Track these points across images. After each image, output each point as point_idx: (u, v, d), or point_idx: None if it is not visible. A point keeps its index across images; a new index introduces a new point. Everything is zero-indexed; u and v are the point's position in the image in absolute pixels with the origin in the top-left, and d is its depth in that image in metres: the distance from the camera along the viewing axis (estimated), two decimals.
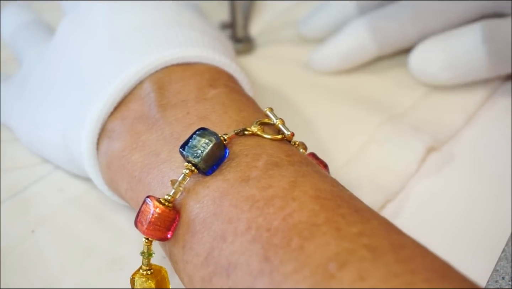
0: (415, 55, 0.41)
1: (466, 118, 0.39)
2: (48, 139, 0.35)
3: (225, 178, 0.25)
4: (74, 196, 0.36)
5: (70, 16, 0.37)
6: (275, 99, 0.42)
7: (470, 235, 0.33)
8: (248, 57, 0.46)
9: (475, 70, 0.39)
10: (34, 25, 0.43)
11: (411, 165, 0.36)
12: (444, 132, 0.38)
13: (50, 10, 0.49)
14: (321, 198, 0.23)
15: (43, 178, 0.37)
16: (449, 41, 0.40)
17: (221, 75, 0.32)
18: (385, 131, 0.38)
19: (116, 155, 0.30)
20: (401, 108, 0.40)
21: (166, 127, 0.29)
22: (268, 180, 0.24)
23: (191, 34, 0.33)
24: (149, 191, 0.27)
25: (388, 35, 0.42)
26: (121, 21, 0.34)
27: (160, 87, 0.30)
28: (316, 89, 0.43)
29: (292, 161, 0.26)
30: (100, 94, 0.31)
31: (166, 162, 0.27)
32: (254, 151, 0.26)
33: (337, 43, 0.43)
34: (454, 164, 0.37)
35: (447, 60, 0.40)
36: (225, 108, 0.29)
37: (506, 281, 0.30)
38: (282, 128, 0.28)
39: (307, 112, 0.41)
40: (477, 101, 0.40)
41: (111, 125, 0.31)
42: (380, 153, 0.37)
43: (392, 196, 0.34)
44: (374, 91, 0.42)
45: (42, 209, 0.35)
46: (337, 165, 0.36)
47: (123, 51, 0.32)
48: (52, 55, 0.35)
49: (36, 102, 0.35)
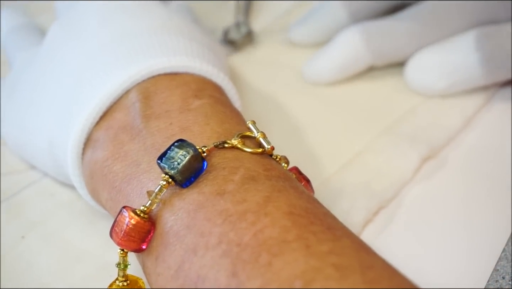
0: (411, 66, 0.41)
1: (464, 121, 0.39)
2: (35, 145, 0.35)
3: (201, 190, 0.25)
4: (65, 201, 0.36)
5: (61, 20, 0.37)
6: (269, 106, 0.42)
7: (469, 235, 0.33)
8: (242, 62, 0.47)
9: (471, 78, 0.39)
10: (26, 28, 0.43)
11: (406, 172, 0.36)
12: (442, 136, 0.38)
13: (43, 13, 0.49)
14: (294, 214, 0.23)
15: (35, 183, 0.37)
16: (444, 51, 0.40)
17: (208, 85, 0.32)
18: (381, 142, 0.38)
19: (98, 164, 0.30)
20: (399, 113, 0.40)
21: (148, 138, 0.29)
22: (243, 194, 0.24)
23: (179, 41, 0.33)
24: (128, 201, 0.27)
25: (383, 49, 0.42)
26: (110, 27, 0.34)
27: (146, 97, 0.30)
28: (311, 96, 0.43)
29: (269, 175, 0.26)
30: (87, 103, 0.31)
31: (145, 172, 0.27)
32: (232, 164, 0.26)
33: (330, 56, 0.43)
34: (450, 169, 0.37)
35: (442, 69, 0.40)
36: (207, 119, 0.29)
37: (506, 281, 0.31)
38: (263, 142, 0.28)
39: (301, 119, 0.41)
40: (476, 104, 0.40)
41: (96, 134, 0.31)
42: (375, 161, 0.37)
43: (386, 202, 0.35)
44: (370, 98, 0.42)
45: (33, 214, 0.35)
46: (330, 171, 0.36)
47: (111, 59, 0.32)
48: (42, 60, 0.36)
49: (24, 107, 0.35)
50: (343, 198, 0.34)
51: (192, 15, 0.45)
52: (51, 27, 0.37)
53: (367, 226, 0.33)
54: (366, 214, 0.33)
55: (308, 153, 0.38)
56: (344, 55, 0.42)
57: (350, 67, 0.43)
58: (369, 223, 0.33)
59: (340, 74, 0.43)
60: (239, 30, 0.48)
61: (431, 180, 0.36)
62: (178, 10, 0.44)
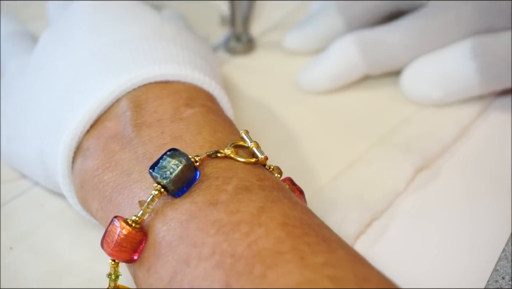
0: (406, 75, 0.41)
1: (459, 131, 0.39)
2: (26, 154, 0.34)
3: (194, 200, 0.25)
4: (55, 211, 0.35)
5: (52, 28, 0.37)
6: (262, 115, 0.42)
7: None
8: (236, 69, 0.47)
9: (467, 87, 0.39)
10: (19, 35, 0.43)
11: (399, 183, 0.36)
12: (436, 146, 0.38)
13: (36, 19, 0.49)
14: (288, 225, 0.23)
15: (25, 192, 0.37)
16: (440, 60, 0.40)
17: (199, 94, 0.32)
18: (375, 152, 0.38)
19: (89, 174, 0.29)
20: (394, 122, 0.40)
21: (140, 147, 0.28)
22: (237, 204, 0.24)
23: (171, 49, 0.33)
24: (119, 211, 0.27)
25: (378, 58, 0.42)
26: (101, 34, 0.34)
27: (137, 105, 0.30)
28: (305, 105, 0.43)
29: (263, 185, 0.26)
30: (77, 112, 0.31)
31: (137, 182, 0.27)
32: (225, 174, 0.26)
33: (325, 65, 0.43)
34: (444, 179, 0.37)
35: (438, 78, 0.40)
36: (199, 128, 0.29)
37: (506, 281, 0.31)
38: (256, 152, 0.28)
39: (295, 128, 0.41)
40: (471, 114, 0.40)
41: (86, 143, 0.31)
42: (368, 172, 0.37)
43: (379, 213, 0.35)
44: (365, 107, 0.42)
45: (22, 225, 0.35)
46: (323, 182, 0.36)
47: (102, 67, 0.32)
48: (33, 68, 0.36)
49: (15, 115, 0.35)
50: (336, 209, 0.34)
51: (185, 22, 0.45)
52: (42, 34, 0.37)
53: (360, 238, 0.33)
54: (358, 226, 0.33)
55: (301, 163, 0.38)
56: (339, 64, 0.42)
57: (345, 76, 0.43)
58: (361, 235, 0.33)
59: (335, 83, 0.43)
60: (239, 38, 0.48)
61: (425, 190, 0.36)
62: (171, 17, 0.44)
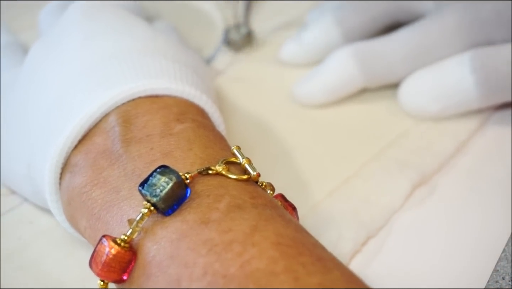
0: (404, 88, 0.41)
1: (457, 146, 0.39)
2: (14, 169, 0.34)
3: (185, 219, 0.25)
4: (44, 229, 0.35)
5: (42, 39, 0.36)
6: (255, 128, 0.42)
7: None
8: (230, 81, 0.46)
9: (466, 101, 0.39)
10: (9, 47, 0.42)
11: (396, 200, 0.35)
12: (434, 162, 0.38)
13: (27, 30, 0.49)
14: (282, 245, 0.23)
15: (13, 209, 0.36)
16: (438, 73, 0.40)
17: (190, 108, 0.31)
18: (371, 168, 0.38)
19: (77, 190, 0.29)
20: (390, 137, 0.40)
21: (129, 163, 0.28)
22: (229, 223, 0.24)
23: (162, 63, 0.33)
24: (108, 229, 0.27)
25: (376, 71, 0.42)
26: (92, 48, 0.33)
27: (126, 120, 0.30)
28: (300, 119, 0.42)
29: (255, 203, 0.25)
30: (64, 126, 0.30)
31: (126, 199, 0.27)
32: (216, 192, 0.26)
33: (322, 78, 0.42)
34: (442, 194, 0.36)
35: (436, 91, 0.40)
36: (190, 144, 0.28)
37: (506, 281, 0.31)
38: (248, 168, 0.27)
39: (289, 142, 0.40)
40: (469, 128, 0.40)
41: (74, 159, 0.30)
42: (364, 188, 0.36)
43: (375, 231, 0.34)
44: (361, 121, 0.42)
45: (10, 243, 0.34)
46: (318, 198, 0.36)
47: (91, 81, 0.32)
48: (23, 81, 0.35)
49: (4, 129, 0.35)
50: (331, 227, 0.34)
51: (177, 35, 0.44)
52: (32, 46, 0.36)
53: (355, 256, 0.33)
54: (354, 245, 0.33)
55: (295, 178, 0.37)
56: (336, 77, 0.42)
57: (342, 89, 0.42)
58: (357, 253, 0.33)
59: (332, 96, 0.43)
60: (239, 31, 0.49)
61: (422, 206, 0.36)
62: (164, 29, 0.43)
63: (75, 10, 0.36)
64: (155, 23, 0.45)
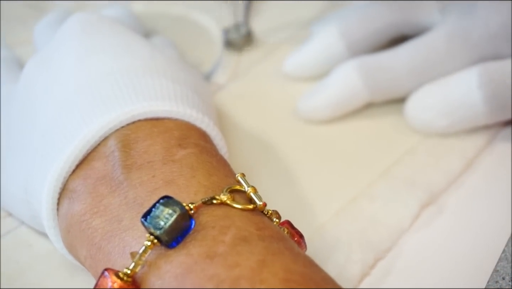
0: (411, 103, 0.40)
1: (465, 163, 0.39)
2: (11, 191, 0.33)
3: (189, 252, 0.24)
4: (44, 252, 0.34)
5: (37, 55, 0.36)
6: (259, 145, 0.41)
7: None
8: (230, 96, 0.45)
9: (474, 116, 0.39)
10: (6, 62, 0.42)
11: (404, 220, 0.35)
12: (442, 180, 0.37)
13: (23, 45, 0.48)
14: (291, 281, 0.22)
15: (11, 231, 0.36)
16: (445, 87, 0.39)
17: (192, 132, 0.31)
18: (378, 187, 0.37)
19: (76, 218, 0.28)
20: (397, 154, 0.39)
21: (130, 191, 0.28)
22: (235, 258, 0.23)
23: (162, 83, 0.32)
24: (109, 261, 0.26)
25: (381, 85, 0.41)
26: (89, 66, 0.33)
27: (126, 145, 0.29)
28: (304, 136, 0.42)
29: (262, 235, 0.25)
30: (62, 150, 0.30)
31: (128, 229, 0.26)
32: (222, 223, 0.25)
33: (327, 93, 0.41)
34: (450, 215, 0.36)
35: (443, 107, 0.39)
36: (193, 172, 0.28)
37: (506, 282, 0.31)
38: (254, 198, 0.27)
39: (293, 161, 0.39)
40: (477, 145, 0.40)
41: (73, 184, 0.30)
42: (371, 207, 0.36)
43: (383, 253, 0.34)
44: (367, 138, 0.41)
45: (9, 268, 0.34)
46: (324, 219, 0.35)
47: (88, 102, 0.31)
48: (18, 98, 0.35)
49: (1, 148, 0.34)
50: (338, 249, 0.33)
51: (176, 50, 0.44)
52: (27, 63, 0.36)
53: (364, 280, 0.32)
54: (362, 268, 0.32)
55: (300, 198, 0.37)
56: (341, 92, 0.41)
57: (347, 104, 0.42)
58: (366, 277, 0.32)
59: (336, 112, 0.42)
60: (238, 31, 0.49)
61: (430, 227, 0.35)
62: (162, 45, 0.43)
63: (71, 25, 0.36)
64: (152, 38, 0.45)
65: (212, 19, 0.50)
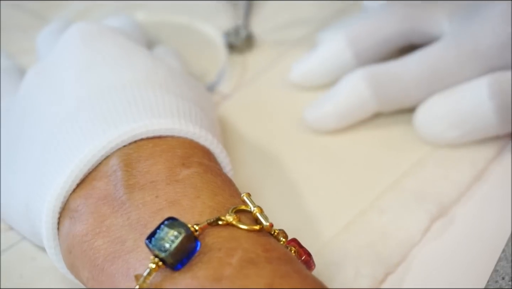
0: (420, 113, 0.40)
1: (475, 175, 0.38)
2: (12, 206, 0.33)
3: (195, 275, 0.24)
4: (47, 265, 0.34)
5: (37, 66, 0.35)
6: (265, 157, 0.41)
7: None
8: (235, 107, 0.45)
9: (484, 128, 0.38)
10: (7, 72, 0.41)
11: (414, 234, 0.35)
12: (453, 192, 0.37)
13: (26, 54, 0.48)
14: None
15: (14, 245, 0.35)
16: (456, 98, 0.39)
17: (195, 150, 0.31)
18: (387, 199, 0.37)
19: (77, 239, 0.28)
20: (406, 165, 0.39)
21: (133, 212, 0.27)
22: (243, 281, 0.23)
23: (164, 99, 0.32)
24: (113, 283, 0.26)
25: (390, 95, 0.40)
26: (90, 80, 0.33)
27: (128, 164, 0.29)
28: (311, 147, 0.41)
29: (269, 257, 0.24)
30: (63, 168, 0.30)
31: (132, 251, 0.26)
32: (228, 245, 0.25)
33: (334, 102, 0.41)
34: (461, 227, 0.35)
35: (454, 118, 0.39)
36: (197, 192, 0.28)
37: (506, 281, 0.31)
38: (260, 218, 0.27)
39: (300, 173, 0.39)
40: (487, 155, 0.39)
41: (74, 203, 0.29)
42: (380, 221, 0.36)
43: (393, 267, 0.33)
44: (375, 149, 0.41)
45: (13, 281, 0.33)
46: (333, 232, 0.35)
47: (89, 118, 0.31)
48: (18, 111, 0.34)
49: (2, 161, 0.34)
50: (348, 263, 0.33)
51: (179, 60, 0.43)
52: (26, 73, 0.36)
53: None
54: (372, 283, 0.32)
55: (308, 211, 0.36)
56: (349, 101, 0.40)
57: (355, 114, 0.41)
58: None
59: (344, 121, 0.41)
60: (238, 34, 0.49)
61: (440, 240, 0.35)
62: (165, 54, 0.42)
63: (71, 35, 0.35)
64: (156, 47, 0.45)
65: (215, 27, 0.50)
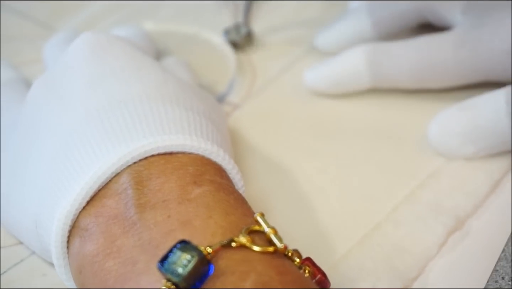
0: (435, 126, 0.40)
1: (492, 185, 0.38)
2: (21, 221, 0.33)
3: None
4: (59, 281, 0.33)
5: (44, 77, 0.35)
6: (277, 169, 0.40)
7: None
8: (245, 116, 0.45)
9: (501, 144, 0.38)
10: (10, 84, 0.41)
11: (431, 247, 0.34)
12: (469, 204, 0.36)
13: (32, 64, 0.47)
14: None
15: (24, 260, 0.35)
16: (472, 114, 0.38)
17: (207, 167, 0.30)
18: (403, 213, 0.37)
19: (88, 259, 0.28)
20: (422, 177, 0.39)
21: (144, 232, 0.27)
22: None
23: (175, 113, 0.32)
24: None
25: (383, 72, 0.42)
26: (99, 92, 0.32)
27: (138, 182, 0.29)
28: (323, 157, 0.41)
29: (283, 281, 0.24)
30: (72, 185, 0.29)
31: (143, 273, 0.26)
32: (241, 268, 0.24)
33: (332, 67, 0.44)
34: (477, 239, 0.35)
35: (469, 133, 0.38)
36: (210, 211, 0.27)
37: (506, 281, 0.31)
38: (274, 240, 0.26)
39: (312, 185, 0.39)
40: (503, 166, 0.39)
41: (84, 222, 0.29)
42: (396, 234, 0.35)
43: (410, 281, 0.33)
44: (390, 158, 0.40)
45: None
46: (349, 245, 0.35)
47: (99, 133, 0.30)
48: (25, 124, 0.34)
49: (10, 177, 0.34)
50: (364, 278, 0.33)
51: (188, 70, 0.43)
52: (33, 85, 0.35)
53: None
54: None
55: (323, 225, 0.36)
56: (344, 70, 0.43)
57: (348, 82, 0.44)
58: None
59: (336, 88, 0.44)
60: (238, 31, 0.50)
61: (456, 252, 0.34)
62: (174, 65, 0.42)
63: (79, 46, 0.35)
64: (166, 58, 0.44)
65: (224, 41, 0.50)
